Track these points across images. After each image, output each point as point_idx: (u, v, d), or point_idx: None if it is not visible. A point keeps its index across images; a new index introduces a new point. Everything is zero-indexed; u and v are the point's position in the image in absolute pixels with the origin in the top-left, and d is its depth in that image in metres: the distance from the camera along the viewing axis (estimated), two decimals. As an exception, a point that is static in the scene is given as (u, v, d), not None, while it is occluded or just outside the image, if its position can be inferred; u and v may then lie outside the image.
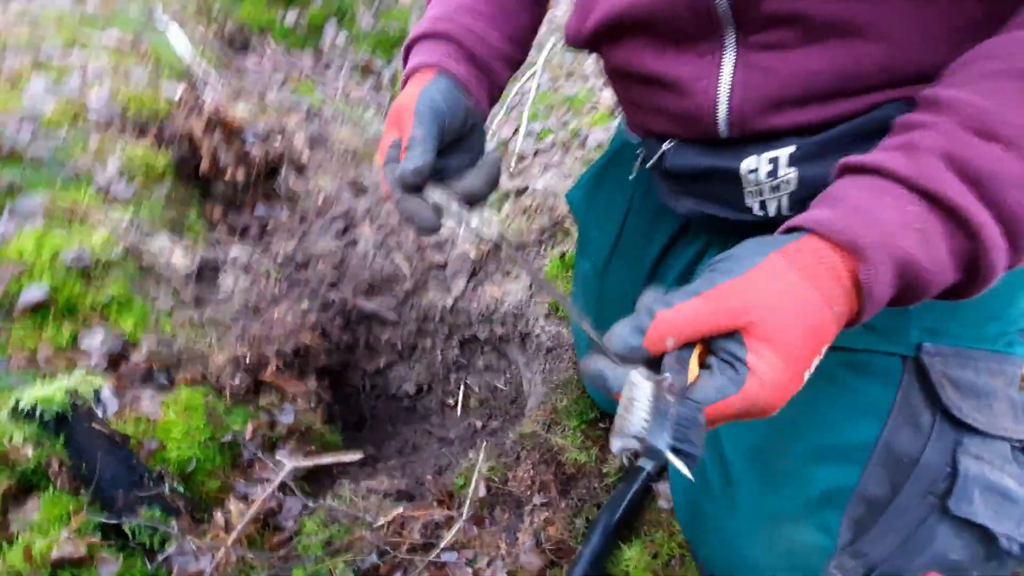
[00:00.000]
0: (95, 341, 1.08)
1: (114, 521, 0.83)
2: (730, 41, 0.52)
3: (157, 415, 1.02)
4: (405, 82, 0.64)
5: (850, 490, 0.51)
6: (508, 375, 1.40)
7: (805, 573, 0.52)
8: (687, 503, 0.64)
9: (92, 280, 1.13)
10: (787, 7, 0.47)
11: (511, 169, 1.71)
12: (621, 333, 0.39)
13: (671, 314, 0.38)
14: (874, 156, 0.40)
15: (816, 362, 0.39)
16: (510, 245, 0.54)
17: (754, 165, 0.54)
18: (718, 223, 0.64)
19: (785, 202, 0.54)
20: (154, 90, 1.58)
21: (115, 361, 1.08)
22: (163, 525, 0.86)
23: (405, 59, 0.67)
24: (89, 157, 1.34)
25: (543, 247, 1.38)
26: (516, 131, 1.86)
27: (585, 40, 0.63)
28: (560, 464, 1.00)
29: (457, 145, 0.61)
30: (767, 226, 0.49)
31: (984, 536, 0.49)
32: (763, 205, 0.56)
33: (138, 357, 1.10)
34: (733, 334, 0.38)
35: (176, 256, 1.30)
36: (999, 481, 0.49)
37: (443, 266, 1.40)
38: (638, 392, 0.36)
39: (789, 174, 0.52)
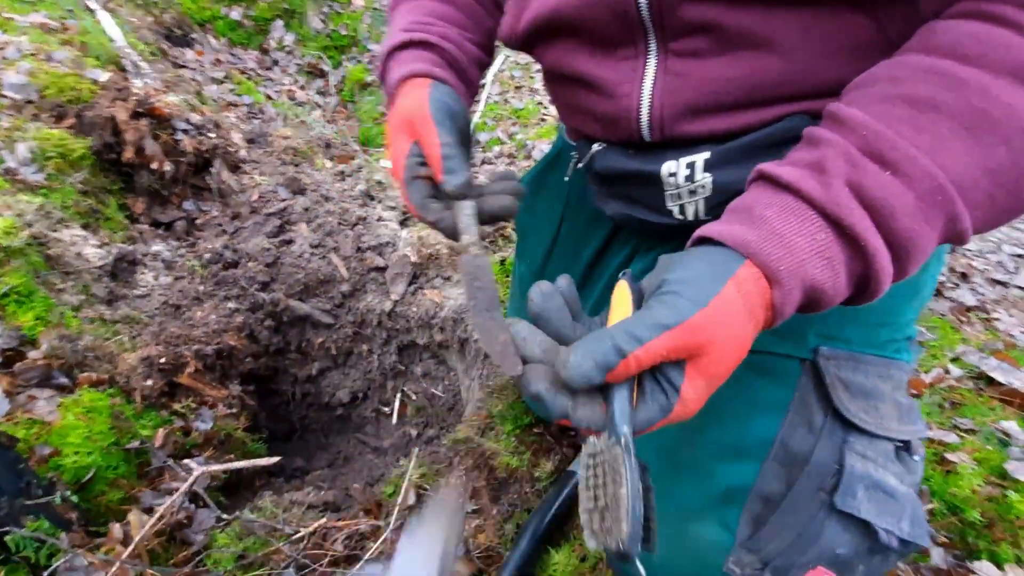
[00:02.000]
0: (-15, 336, 0.97)
1: (-9, 533, 0.75)
2: (652, 47, 0.54)
3: (53, 418, 0.93)
4: (393, 92, 0.63)
5: (749, 488, 0.52)
6: (447, 382, 1.37)
7: (706, 569, 0.53)
8: None
9: (-13, 269, 1.03)
10: (702, 16, 0.49)
11: (458, 176, 1.71)
12: (582, 367, 0.36)
13: (642, 352, 0.36)
14: (789, 172, 0.41)
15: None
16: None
17: (673, 169, 0.56)
18: (644, 226, 0.65)
19: (702, 206, 0.57)
20: (78, 75, 1.48)
21: (9, 359, 0.98)
22: (51, 538, 0.77)
23: (383, 68, 0.67)
24: (-5, 138, 1.23)
25: (485, 252, 1.38)
26: (464, 140, 1.86)
27: (519, 40, 0.64)
28: (492, 469, 0.98)
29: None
30: (686, 229, 0.51)
31: (867, 531, 0.51)
32: (682, 209, 0.58)
33: (36, 355, 1.00)
34: (679, 361, 0.38)
35: (88, 248, 1.21)
36: (882, 479, 0.52)
37: (383, 269, 1.37)
38: (619, 480, 0.35)
39: (705, 179, 0.54)
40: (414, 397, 1.39)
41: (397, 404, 1.38)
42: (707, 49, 0.51)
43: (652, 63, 0.55)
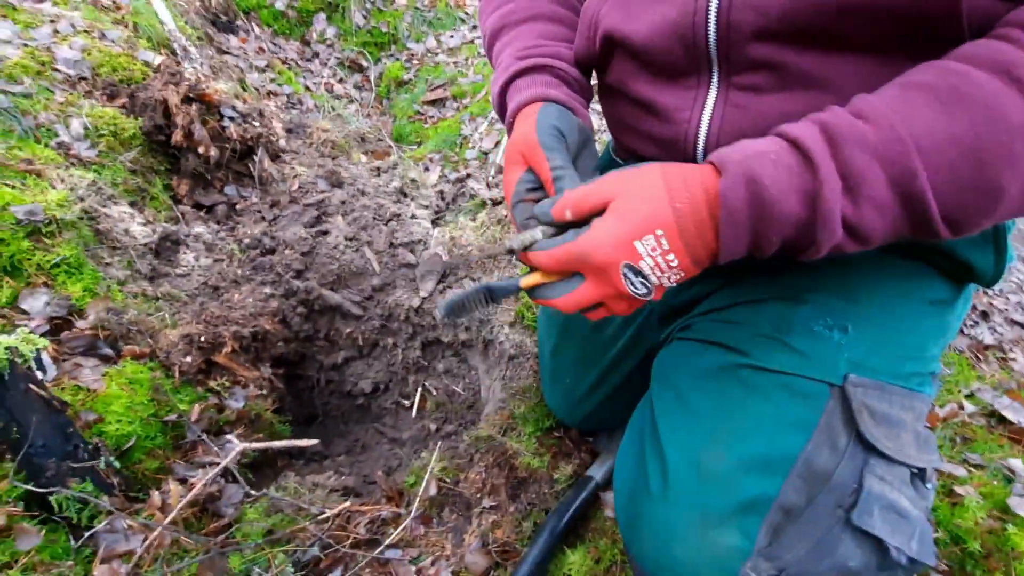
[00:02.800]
0: (38, 303, 1.02)
1: (40, 491, 0.78)
2: (715, 79, 0.57)
3: (99, 386, 0.97)
4: (511, 122, 0.66)
5: (771, 499, 0.55)
6: (467, 380, 1.40)
7: (723, 572, 0.55)
8: (627, 504, 0.68)
9: (42, 239, 1.07)
10: (766, 55, 0.53)
11: (489, 180, 1.74)
12: (543, 206, 0.54)
13: (569, 195, 0.52)
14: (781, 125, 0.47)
15: (645, 243, 0.47)
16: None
17: None
18: None
19: None
20: (130, 55, 1.53)
21: (58, 326, 1.03)
22: (95, 500, 0.81)
23: (500, 102, 0.70)
24: (53, 112, 1.28)
25: (514, 256, 1.41)
26: (498, 143, 1.89)
27: (595, 59, 0.67)
28: (513, 468, 1.01)
29: (575, 163, 0.64)
30: None
31: (879, 547, 0.54)
32: None
33: (83, 324, 1.04)
34: (602, 211, 0.50)
35: (135, 225, 1.25)
36: (897, 501, 0.55)
37: (414, 266, 1.40)
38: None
39: None
40: (434, 392, 1.42)
41: (418, 398, 1.42)
42: (767, 85, 0.55)
43: (713, 94, 0.58)
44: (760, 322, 0.63)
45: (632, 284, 0.49)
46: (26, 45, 1.36)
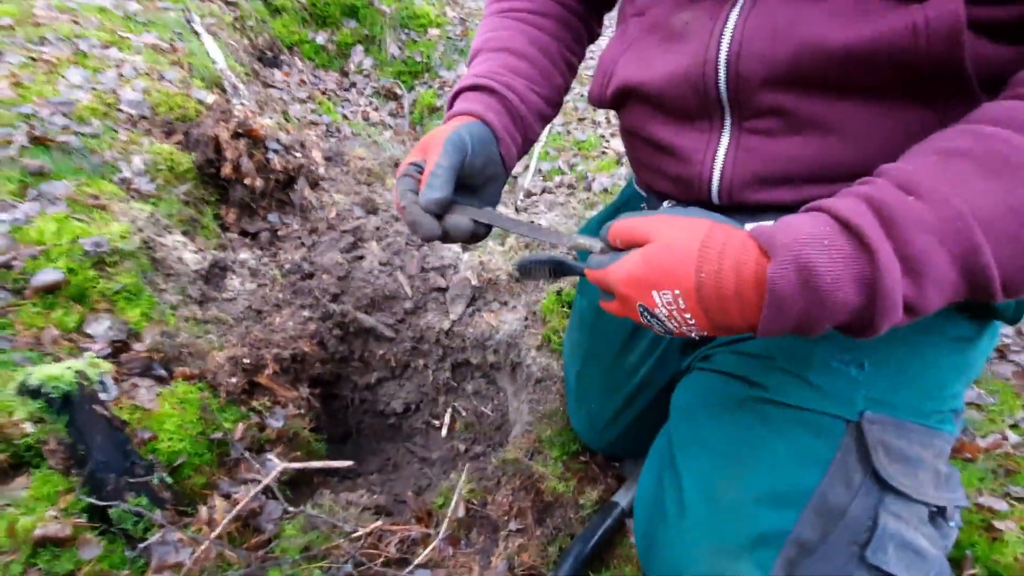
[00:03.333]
0: (101, 328, 1.11)
1: (102, 504, 0.85)
2: (727, 123, 0.60)
3: (153, 406, 1.04)
4: (445, 123, 0.72)
5: (786, 533, 0.55)
6: (496, 402, 1.43)
7: None
8: (645, 530, 0.69)
9: (105, 268, 1.16)
10: (776, 102, 0.55)
11: (518, 203, 1.79)
12: (603, 229, 0.57)
13: (620, 224, 0.53)
14: (823, 200, 0.46)
15: (662, 295, 0.48)
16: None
17: None
18: None
19: None
20: (185, 94, 1.65)
21: (117, 349, 1.11)
22: (149, 513, 0.87)
23: (450, 106, 0.75)
24: (116, 150, 1.39)
25: (542, 281, 1.44)
26: (526, 168, 1.94)
27: (606, 103, 0.71)
28: (539, 492, 1.03)
29: (473, 190, 0.68)
30: None
31: None
32: None
33: (140, 347, 1.12)
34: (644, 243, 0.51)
35: (187, 253, 1.34)
36: (913, 539, 0.54)
37: (444, 290, 1.45)
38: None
39: None
40: (464, 413, 1.46)
41: (447, 418, 1.45)
42: (778, 129, 0.57)
43: (726, 137, 0.60)
44: (778, 356, 0.64)
45: (649, 322, 0.51)
46: (94, 88, 1.49)
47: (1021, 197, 0.40)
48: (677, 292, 0.46)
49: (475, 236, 0.64)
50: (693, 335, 0.50)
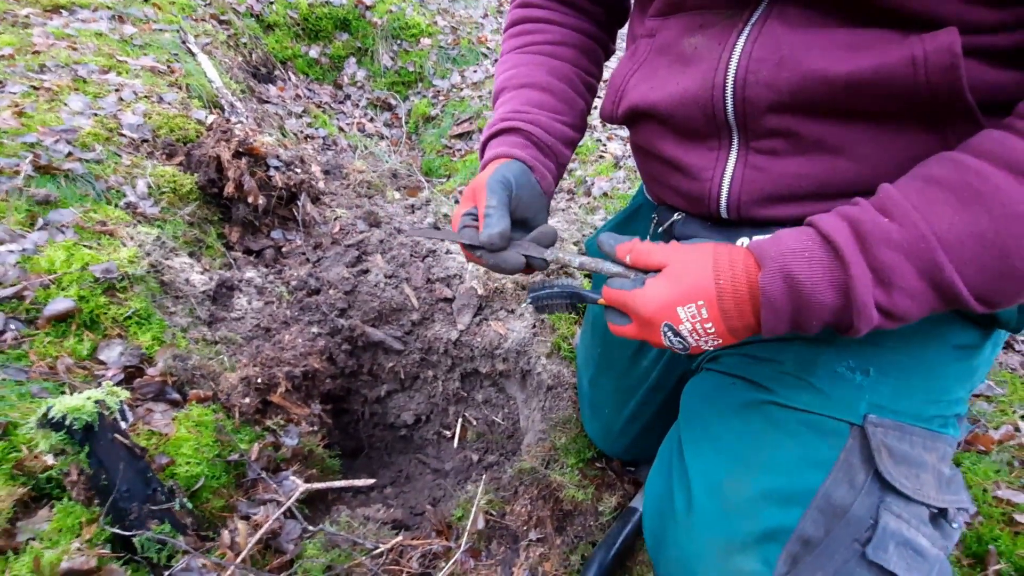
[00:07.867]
0: (114, 353, 1.11)
1: (126, 534, 0.85)
2: (735, 143, 0.61)
3: (169, 430, 1.04)
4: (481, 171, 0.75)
5: (791, 530, 0.57)
6: (506, 410, 1.44)
7: None
8: (654, 527, 0.71)
9: (116, 294, 1.17)
10: (782, 124, 0.57)
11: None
12: (611, 240, 0.62)
13: (639, 245, 0.59)
14: (815, 216, 0.52)
15: (687, 309, 0.53)
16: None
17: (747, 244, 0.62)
18: None
19: None
20: (185, 115, 1.65)
21: (131, 375, 1.11)
22: (172, 540, 0.88)
23: (482, 152, 0.78)
24: (120, 175, 1.39)
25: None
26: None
27: (617, 120, 0.73)
28: (557, 500, 1.04)
29: (524, 222, 0.72)
30: None
31: None
32: None
33: (153, 372, 1.13)
34: (657, 271, 0.57)
35: (194, 275, 1.34)
36: (914, 539, 0.56)
37: (450, 300, 1.46)
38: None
39: None
40: (474, 423, 1.46)
41: (458, 428, 1.46)
42: (784, 149, 0.58)
43: (733, 156, 0.62)
44: (785, 360, 0.66)
45: (670, 341, 0.55)
46: (96, 114, 1.49)
47: (985, 225, 0.45)
48: (701, 303, 0.52)
49: (530, 267, 0.69)
50: (709, 346, 0.55)
